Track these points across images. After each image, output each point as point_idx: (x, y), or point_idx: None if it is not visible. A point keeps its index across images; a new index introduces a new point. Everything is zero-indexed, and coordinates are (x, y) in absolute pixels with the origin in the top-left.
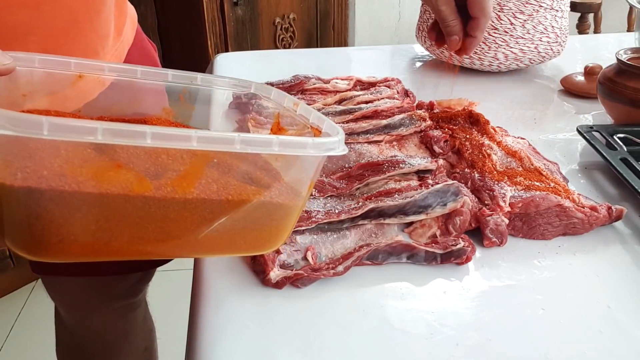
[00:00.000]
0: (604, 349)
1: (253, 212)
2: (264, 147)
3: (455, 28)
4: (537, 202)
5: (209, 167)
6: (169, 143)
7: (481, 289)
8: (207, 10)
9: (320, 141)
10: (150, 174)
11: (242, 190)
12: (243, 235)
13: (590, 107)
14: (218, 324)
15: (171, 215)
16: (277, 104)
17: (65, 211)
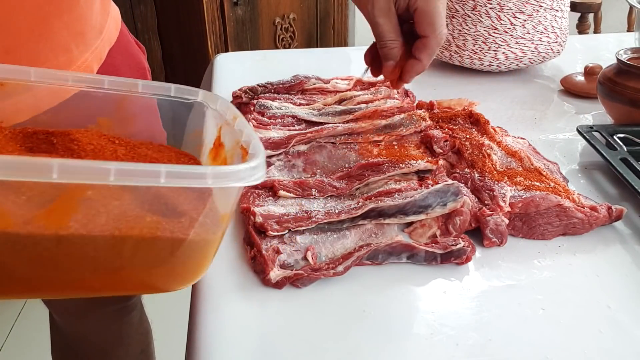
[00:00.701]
0: (604, 349)
1: (150, 248)
2: (149, 178)
3: (393, 51)
4: (537, 202)
5: (86, 197)
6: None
7: (481, 289)
8: (207, 10)
9: (223, 171)
10: (17, 206)
11: (135, 224)
12: (139, 273)
13: (590, 107)
14: (218, 324)
15: (44, 253)
16: (220, 115)
17: None
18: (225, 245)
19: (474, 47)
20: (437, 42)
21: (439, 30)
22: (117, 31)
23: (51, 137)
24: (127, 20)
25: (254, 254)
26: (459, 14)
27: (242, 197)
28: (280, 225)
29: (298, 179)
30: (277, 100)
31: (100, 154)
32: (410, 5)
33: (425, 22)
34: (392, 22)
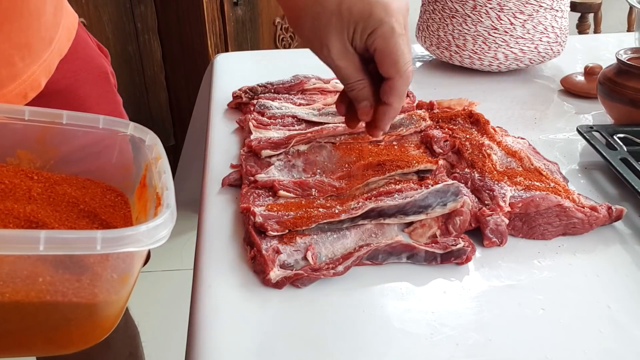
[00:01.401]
0: (604, 349)
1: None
2: (29, 244)
3: (362, 91)
4: (537, 202)
5: None
6: None
7: (481, 289)
8: (207, 10)
9: (114, 235)
10: None
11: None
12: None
13: (590, 107)
14: (218, 324)
15: None
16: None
17: None
18: (225, 245)
19: (474, 47)
20: (403, 82)
21: (404, 69)
22: (69, 42)
23: None
24: (127, 20)
25: (254, 254)
26: (459, 14)
27: (242, 197)
28: (280, 225)
29: (298, 179)
30: (277, 100)
31: (11, 194)
32: (368, 46)
33: (388, 63)
34: (353, 63)
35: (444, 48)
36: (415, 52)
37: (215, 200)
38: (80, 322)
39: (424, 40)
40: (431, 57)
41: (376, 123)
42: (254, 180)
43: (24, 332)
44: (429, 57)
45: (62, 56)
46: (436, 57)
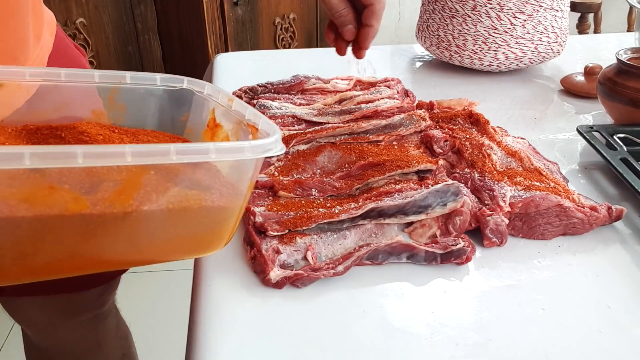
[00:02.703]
0: (604, 349)
1: (195, 217)
2: (201, 155)
3: (347, 17)
4: (537, 202)
5: (147, 177)
6: (102, 161)
7: (481, 289)
8: (207, 10)
9: (257, 144)
10: (86, 190)
11: (183, 197)
12: (186, 240)
13: (590, 107)
14: (218, 324)
15: (112, 230)
16: (211, 98)
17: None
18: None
19: (474, 47)
20: (381, 6)
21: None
22: (53, 37)
23: (57, 132)
24: (127, 20)
25: (254, 254)
26: (459, 14)
27: None
28: (280, 225)
29: (298, 179)
30: (277, 100)
31: (111, 143)
32: None
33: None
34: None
35: (444, 48)
36: (415, 52)
37: None
38: (220, 224)
39: (424, 40)
40: (431, 57)
41: (360, 44)
42: None
43: (182, 236)
44: (429, 57)
45: (49, 51)
46: (436, 57)
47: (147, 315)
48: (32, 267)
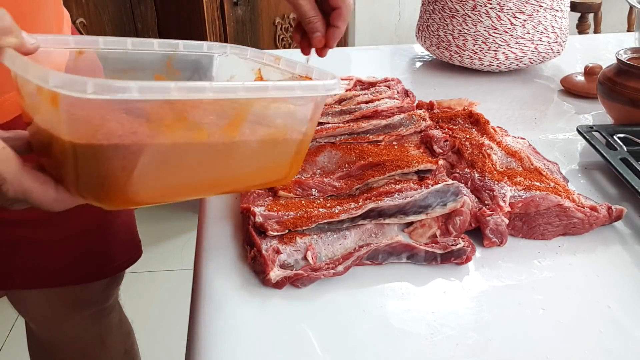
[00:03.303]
0: (604, 349)
1: (278, 148)
2: (290, 91)
3: (317, 24)
4: (537, 202)
5: (251, 111)
6: (223, 95)
7: (481, 289)
8: (207, 10)
9: (327, 83)
10: (207, 122)
11: (273, 130)
12: (267, 169)
13: (590, 107)
14: (218, 324)
15: (221, 157)
16: (254, 61)
17: (145, 161)
18: (225, 245)
19: (474, 47)
20: (348, 9)
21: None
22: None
23: None
24: (127, 20)
25: (254, 254)
26: (459, 14)
27: (242, 197)
28: (280, 225)
29: (298, 179)
30: None
31: None
32: None
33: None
34: (311, 3)
35: (444, 48)
36: (415, 52)
37: (215, 200)
38: (295, 155)
39: (424, 40)
40: (431, 57)
41: (327, 44)
42: None
43: (267, 164)
44: (429, 57)
45: None
46: (436, 57)
47: (148, 315)
48: (165, 189)
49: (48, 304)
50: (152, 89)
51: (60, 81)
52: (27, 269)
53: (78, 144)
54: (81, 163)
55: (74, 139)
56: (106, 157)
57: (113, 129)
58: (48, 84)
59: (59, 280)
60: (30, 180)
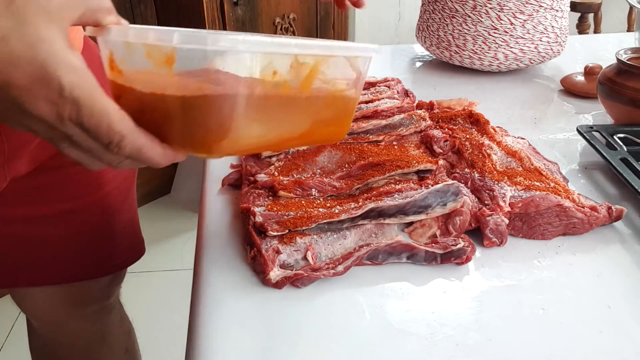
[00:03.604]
0: (604, 349)
1: (337, 104)
2: (351, 51)
3: None
4: (537, 202)
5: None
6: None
7: (481, 289)
8: (207, 10)
9: (375, 47)
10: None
11: (337, 87)
12: (330, 124)
13: (590, 107)
14: (218, 324)
15: (298, 111)
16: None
17: (242, 111)
18: (225, 245)
19: (474, 47)
20: None
21: None
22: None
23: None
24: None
25: (254, 254)
26: (459, 14)
27: (242, 197)
28: (280, 225)
29: (298, 179)
30: None
31: None
32: None
33: None
34: None
35: (444, 48)
36: (415, 52)
37: (215, 200)
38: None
39: (424, 40)
40: (431, 57)
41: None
42: (254, 180)
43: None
44: (429, 57)
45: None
46: (436, 57)
47: (148, 315)
48: (256, 139)
49: (51, 301)
50: (252, 42)
51: (181, 38)
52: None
53: (187, 97)
54: (188, 116)
55: (185, 93)
56: (212, 108)
57: (222, 79)
58: (172, 42)
59: (64, 277)
60: (144, 137)
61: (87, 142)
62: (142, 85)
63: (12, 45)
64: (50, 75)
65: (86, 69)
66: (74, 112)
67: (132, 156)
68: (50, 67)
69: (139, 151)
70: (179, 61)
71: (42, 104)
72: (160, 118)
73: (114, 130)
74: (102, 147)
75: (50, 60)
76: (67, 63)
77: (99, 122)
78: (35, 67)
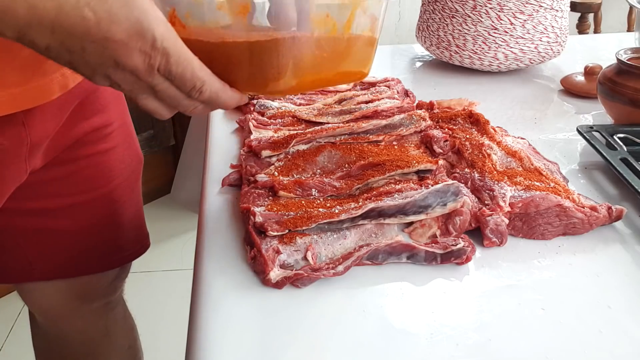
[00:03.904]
0: (604, 349)
1: (367, 45)
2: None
3: None
4: (537, 202)
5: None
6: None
7: (481, 289)
8: None
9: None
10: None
11: (365, 29)
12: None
13: (590, 107)
14: (218, 324)
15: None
16: None
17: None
18: (225, 245)
19: (474, 47)
20: None
21: None
22: None
23: None
24: None
25: (254, 254)
26: (459, 14)
27: (242, 197)
28: (280, 225)
29: (298, 179)
30: (277, 100)
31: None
32: None
33: None
34: None
35: (444, 48)
36: (415, 52)
37: (215, 200)
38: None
39: (424, 40)
40: (431, 57)
41: None
42: (254, 180)
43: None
44: (429, 57)
45: None
46: (436, 57)
47: (147, 315)
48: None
49: (59, 295)
50: None
51: None
52: (45, 260)
53: (256, 42)
54: (256, 58)
55: (254, 39)
56: (277, 50)
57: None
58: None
59: (74, 270)
60: (218, 82)
61: (169, 90)
62: (208, 36)
63: (110, 3)
64: (145, 29)
65: (168, 22)
66: (164, 61)
67: (210, 99)
68: (145, 21)
69: (216, 94)
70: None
71: (136, 56)
72: (228, 64)
73: (197, 76)
74: (184, 94)
75: (143, 16)
76: (157, 17)
77: (185, 70)
78: (132, 22)
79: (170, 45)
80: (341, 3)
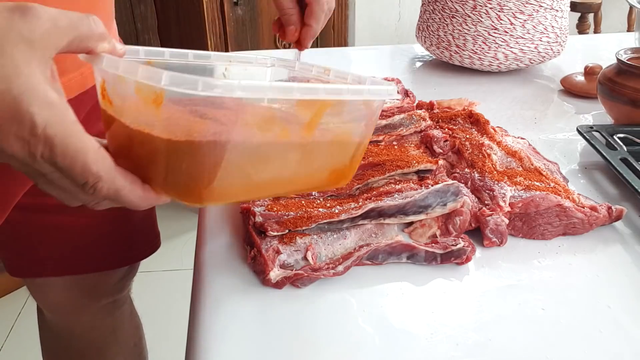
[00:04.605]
0: (604, 349)
1: (343, 148)
2: (359, 95)
3: (292, 18)
4: (537, 202)
5: (326, 112)
6: (309, 95)
7: (481, 289)
8: (207, 10)
9: (390, 88)
10: (289, 124)
11: (343, 132)
12: (334, 170)
13: (590, 107)
14: (218, 324)
15: (297, 157)
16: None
17: (232, 158)
18: (225, 245)
19: (474, 47)
20: (320, 9)
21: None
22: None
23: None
24: (127, 20)
25: (254, 254)
26: (459, 14)
27: None
28: (280, 225)
29: None
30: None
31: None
32: None
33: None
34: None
35: (444, 48)
36: (415, 52)
37: None
38: (356, 157)
39: (424, 40)
40: (431, 57)
41: (301, 42)
42: None
43: (336, 164)
44: (429, 57)
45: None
46: (436, 57)
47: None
48: (247, 186)
49: (69, 292)
50: (250, 87)
51: (170, 80)
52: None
53: (173, 142)
54: (173, 160)
55: (171, 137)
56: (199, 154)
57: (209, 126)
58: (160, 82)
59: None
60: (122, 178)
61: (61, 181)
62: (130, 119)
63: None
64: (23, 112)
65: (64, 104)
66: (47, 151)
67: (109, 198)
68: (24, 102)
69: (116, 193)
70: (167, 102)
71: (13, 141)
72: (143, 158)
73: (89, 171)
74: (78, 187)
75: (24, 96)
76: (42, 99)
77: (73, 163)
78: (7, 102)
79: (56, 133)
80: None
